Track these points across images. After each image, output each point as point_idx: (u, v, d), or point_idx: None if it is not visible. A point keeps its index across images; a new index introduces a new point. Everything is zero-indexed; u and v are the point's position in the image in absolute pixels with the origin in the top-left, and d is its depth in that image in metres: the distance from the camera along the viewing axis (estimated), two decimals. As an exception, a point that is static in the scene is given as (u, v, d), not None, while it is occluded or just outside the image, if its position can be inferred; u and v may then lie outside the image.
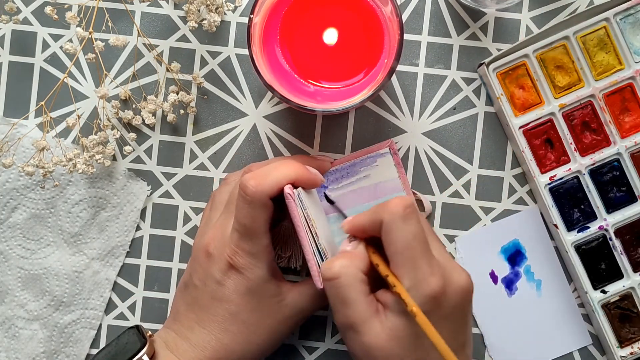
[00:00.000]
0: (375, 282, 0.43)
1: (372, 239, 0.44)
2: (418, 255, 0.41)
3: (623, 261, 0.52)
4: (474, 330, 0.53)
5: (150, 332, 0.47)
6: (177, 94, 0.52)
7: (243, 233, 0.44)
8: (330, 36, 0.47)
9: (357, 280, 0.42)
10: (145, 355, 0.44)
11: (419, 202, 0.52)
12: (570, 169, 0.51)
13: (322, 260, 0.44)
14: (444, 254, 0.43)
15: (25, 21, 0.53)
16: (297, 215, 0.43)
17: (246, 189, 0.43)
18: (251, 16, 0.43)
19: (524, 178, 0.53)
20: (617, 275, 0.52)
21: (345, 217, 0.51)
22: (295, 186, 0.44)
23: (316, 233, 0.44)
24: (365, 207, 0.52)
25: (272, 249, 0.46)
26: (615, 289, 0.51)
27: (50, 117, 0.52)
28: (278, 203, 0.45)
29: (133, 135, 0.52)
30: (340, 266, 0.42)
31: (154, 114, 0.52)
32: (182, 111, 0.53)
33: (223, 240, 0.45)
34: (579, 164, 0.51)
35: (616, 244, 0.52)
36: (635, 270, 0.52)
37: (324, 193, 0.51)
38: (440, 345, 0.38)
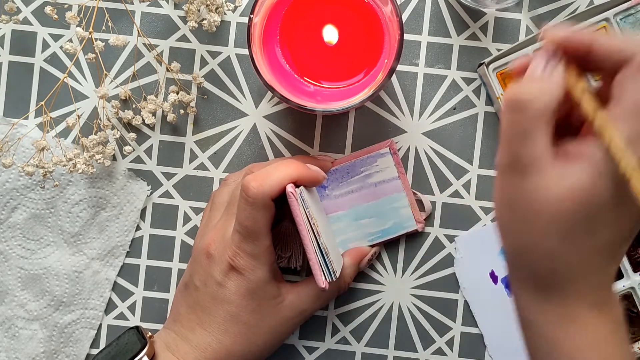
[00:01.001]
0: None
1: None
2: None
3: (623, 261, 0.51)
4: (475, 330, 0.53)
5: (150, 333, 0.47)
6: (177, 93, 0.52)
7: (244, 235, 0.44)
8: (331, 36, 0.47)
9: (548, 114, 0.33)
10: (146, 356, 0.44)
11: (419, 202, 0.52)
12: (570, 169, 0.51)
13: (324, 260, 0.44)
14: None
15: (25, 21, 0.53)
16: (300, 214, 0.43)
17: (248, 191, 0.43)
18: (251, 16, 0.43)
19: (524, 178, 0.53)
20: (617, 275, 0.52)
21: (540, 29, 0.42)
22: (296, 185, 0.44)
23: (318, 232, 0.44)
24: (365, 208, 0.52)
25: (273, 250, 0.46)
26: (615, 289, 0.51)
27: (50, 117, 0.52)
28: (278, 203, 0.45)
29: (133, 135, 0.52)
30: (537, 88, 0.33)
31: (154, 114, 0.52)
32: (182, 111, 0.53)
33: (224, 241, 0.45)
34: (579, 164, 0.51)
35: (616, 244, 0.51)
36: (635, 270, 0.52)
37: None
38: None
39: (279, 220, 0.50)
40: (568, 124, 0.35)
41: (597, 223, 0.33)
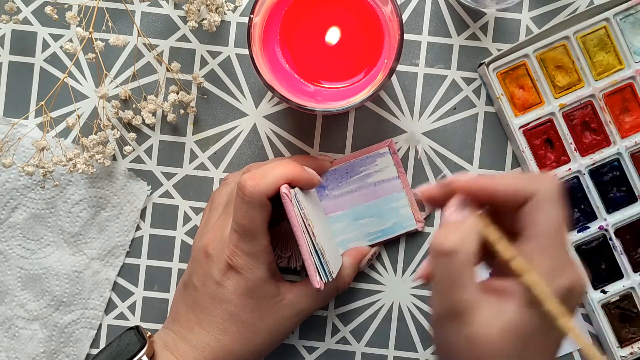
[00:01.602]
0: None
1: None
2: (562, 241, 0.36)
3: (623, 261, 0.52)
4: (474, 330, 0.53)
5: (150, 333, 0.47)
6: (177, 93, 0.52)
7: (242, 234, 0.44)
8: (331, 36, 0.47)
9: (472, 259, 0.36)
10: (145, 356, 0.44)
11: (419, 202, 0.52)
12: (570, 169, 0.51)
13: (320, 261, 0.44)
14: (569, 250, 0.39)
15: (26, 21, 0.53)
16: (294, 215, 0.44)
17: (244, 189, 0.43)
18: (251, 16, 0.43)
19: (524, 178, 0.53)
20: (617, 275, 0.52)
21: (442, 175, 0.47)
22: (292, 186, 0.44)
23: (313, 233, 0.44)
24: (365, 207, 0.52)
25: (272, 250, 0.46)
26: (615, 289, 0.51)
27: (50, 117, 0.52)
28: (276, 203, 0.45)
29: (133, 135, 0.52)
30: (458, 241, 0.35)
31: (154, 114, 0.52)
32: (182, 111, 0.53)
33: (222, 241, 0.45)
34: (579, 164, 0.51)
35: (616, 244, 0.52)
36: (635, 270, 0.52)
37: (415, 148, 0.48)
38: (591, 352, 0.35)
39: (278, 220, 0.50)
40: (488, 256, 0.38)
41: (531, 351, 0.36)
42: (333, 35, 0.47)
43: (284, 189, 0.43)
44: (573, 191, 0.52)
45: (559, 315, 0.34)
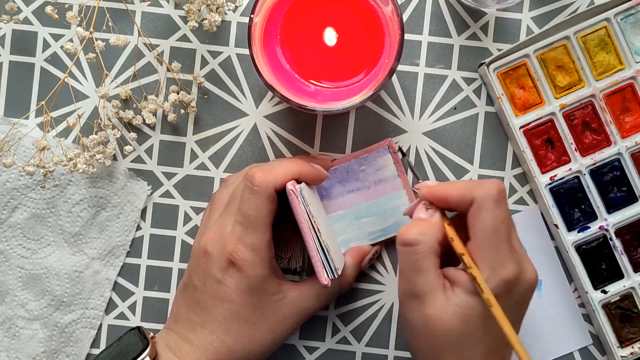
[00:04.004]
0: (444, 256, 0.43)
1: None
2: (502, 239, 0.41)
3: (623, 261, 0.52)
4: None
5: (152, 334, 0.47)
6: (178, 93, 0.52)
7: (246, 225, 0.44)
8: (331, 36, 0.47)
9: (432, 250, 0.42)
10: (148, 357, 0.44)
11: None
12: (570, 169, 0.51)
13: (326, 257, 0.44)
14: (520, 246, 0.44)
15: (26, 21, 0.53)
16: (300, 211, 0.44)
17: (253, 180, 0.44)
18: (252, 16, 0.43)
19: (524, 178, 0.53)
20: (618, 275, 0.52)
21: (418, 179, 0.50)
22: (298, 182, 0.45)
23: (319, 229, 0.44)
24: (365, 206, 0.52)
25: (273, 246, 0.46)
26: (615, 289, 0.51)
27: (51, 117, 0.52)
28: (279, 202, 0.45)
29: (133, 135, 0.52)
30: (419, 233, 0.42)
31: (155, 114, 0.52)
32: (182, 111, 0.53)
33: (222, 238, 0.45)
34: (579, 164, 0.51)
35: (617, 244, 0.52)
36: (635, 270, 0.52)
37: (399, 147, 0.51)
38: (513, 338, 0.40)
39: (278, 222, 0.50)
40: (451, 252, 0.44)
41: (477, 335, 0.42)
42: (332, 36, 0.47)
43: (290, 185, 0.44)
44: (573, 191, 0.52)
45: (491, 305, 0.40)
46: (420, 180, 0.48)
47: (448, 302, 0.41)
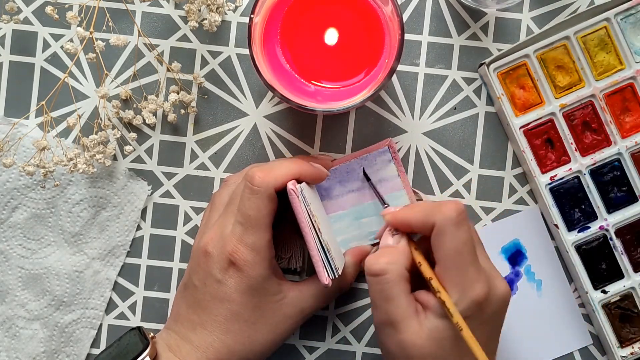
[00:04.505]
0: (414, 279, 0.44)
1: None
2: (467, 261, 0.42)
3: (623, 261, 0.52)
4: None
5: (152, 334, 0.47)
6: (178, 93, 0.52)
7: (247, 225, 0.44)
8: (331, 36, 0.47)
9: (401, 278, 0.42)
10: (148, 357, 0.44)
11: (420, 201, 0.52)
12: (570, 168, 0.51)
13: (326, 257, 0.45)
14: (488, 262, 0.44)
15: (26, 21, 0.53)
16: (301, 211, 0.44)
17: (253, 180, 0.44)
18: (252, 16, 0.43)
19: (524, 178, 0.53)
20: (618, 275, 0.52)
21: (383, 202, 0.50)
22: (298, 181, 0.45)
23: (319, 229, 0.44)
24: (366, 206, 0.52)
25: (273, 247, 0.46)
26: (615, 289, 0.51)
27: (51, 117, 0.52)
28: (279, 203, 0.45)
29: (133, 135, 0.52)
30: (387, 262, 0.42)
31: (155, 114, 0.52)
32: (182, 111, 0.53)
33: (222, 238, 0.45)
34: (579, 164, 0.51)
35: (617, 244, 0.52)
36: (635, 270, 0.52)
37: (363, 169, 0.51)
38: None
39: (278, 222, 0.50)
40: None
41: (451, 358, 0.42)
42: (332, 36, 0.47)
43: (291, 185, 0.44)
44: (573, 191, 0.52)
45: (461, 328, 0.40)
46: (385, 206, 0.48)
47: (421, 327, 0.42)
